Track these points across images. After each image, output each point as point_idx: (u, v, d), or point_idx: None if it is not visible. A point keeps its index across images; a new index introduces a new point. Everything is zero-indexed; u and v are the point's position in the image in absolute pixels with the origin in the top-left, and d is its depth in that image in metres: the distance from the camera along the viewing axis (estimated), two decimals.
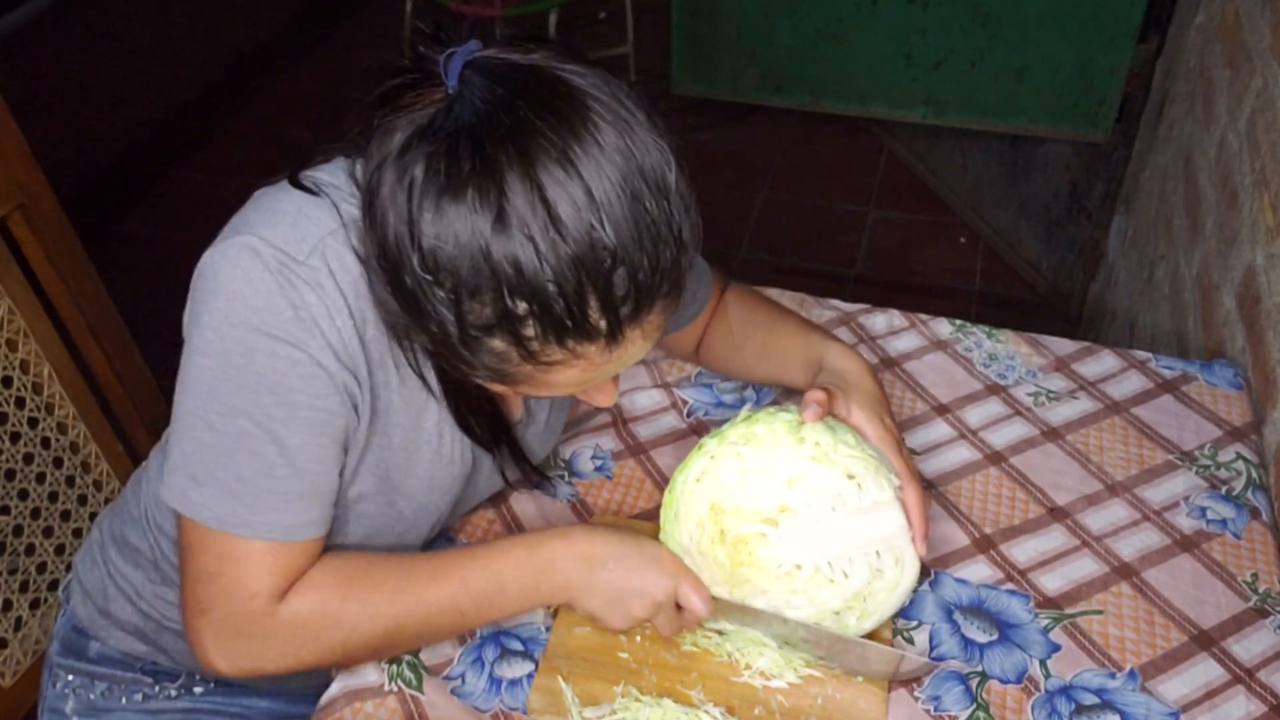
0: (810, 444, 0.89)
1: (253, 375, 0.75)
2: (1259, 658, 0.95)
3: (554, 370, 0.74)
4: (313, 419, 0.78)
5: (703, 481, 0.90)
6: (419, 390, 0.85)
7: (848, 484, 0.87)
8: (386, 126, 0.71)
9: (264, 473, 0.78)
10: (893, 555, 0.89)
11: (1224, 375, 1.25)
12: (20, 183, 1.45)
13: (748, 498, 0.88)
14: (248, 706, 1.09)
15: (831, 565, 0.88)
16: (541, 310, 0.69)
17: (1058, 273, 2.62)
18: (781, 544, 0.88)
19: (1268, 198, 1.31)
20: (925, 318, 1.34)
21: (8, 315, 1.43)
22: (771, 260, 2.82)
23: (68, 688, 1.05)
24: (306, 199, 0.78)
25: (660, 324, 0.77)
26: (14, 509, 1.45)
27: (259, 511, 0.79)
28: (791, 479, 0.88)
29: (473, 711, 0.91)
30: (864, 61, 2.42)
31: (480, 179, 0.67)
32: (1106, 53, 2.20)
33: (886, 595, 0.90)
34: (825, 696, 0.90)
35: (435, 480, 0.91)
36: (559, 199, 0.67)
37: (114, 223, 2.94)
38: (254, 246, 0.75)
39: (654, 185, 0.70)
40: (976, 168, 2.83)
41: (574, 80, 0.71)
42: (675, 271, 0.73)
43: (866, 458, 0.89)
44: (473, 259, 0.67)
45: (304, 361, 0.76)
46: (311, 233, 0.76)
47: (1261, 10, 1.48)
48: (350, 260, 0.77)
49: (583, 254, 0.67)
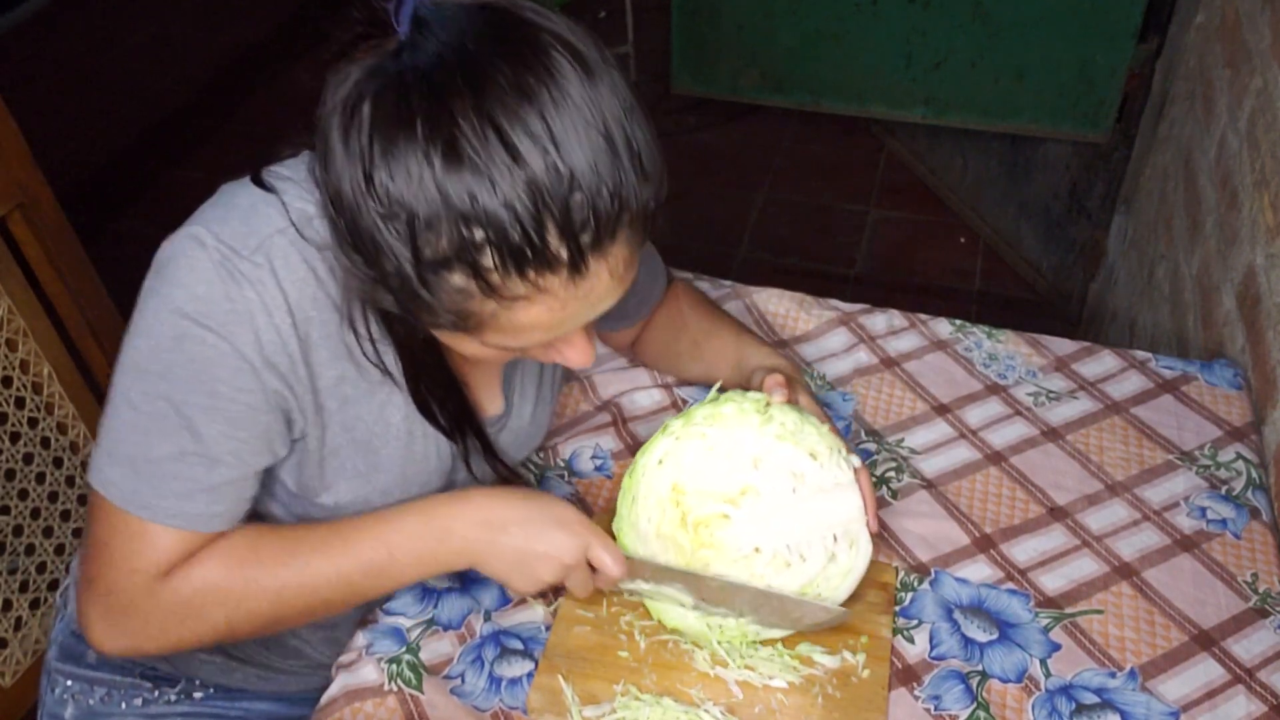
0: (777, 423, 0.89)
1: (180, 361, 0.76)
2: (1259, 658, 0.95)
3: (518, 308, 0.71)
4: (233, 413, 0.78)
5: (665, 464, 0.90)
6: (381, 384, 0.85)
7: (810, 463, 0.88)
8: (338, 76, 0.71)
9: (175, 458, 0.79)
10: (848, 539, 0.89)
11: (1224, 375, 1.25)
12: (20, 182, 1.44)
13: (712, 478, 0.89)
14: (247, 710, 1.08)
15: (790, 548, 0.89)
16: (498, 237, 0.67)
17: (1058, 273, 2.62)
18: (742, 526, 0.88)
19: (1268, 198, 1.31)
20: (925, 318, 1.34)
21: (8, 315, 1.43)
22: (771, 260, 2.82)
23: (67, 693, 1.05)
24: (263, 196, 0.79)
25: (628, 261, 0.74)
26: (14, 509, 1.45)
27: (163, 496, 0.79)
28: (757, 458, 0.89)
29: (473, 711, 0.91)
30: (864, 61, 2.42)
31: (429, 111, 0.66)
32: (1106, 53, 2.20)
33: (840, 580, 0.90)
34: (825, 696, 0.90)
35: (409, 476, 0.90)
36: (512, 126, 0.65)
37: (113, 222, 2.94)
38: (201, 238, 0.76)
39: (612, 115, 0.68)
40: (976, 168, 2.83)
41: (527, 16, 0.70)
42: (637, 202, 0.71)
43: (830, 439, 0.90)
44: (425, 190, 0.66)
45: (230, 354, 0.76)
46: (260, 230, 0.77)
47: (1261, 10, 1.48)
48: (296, 260, 0.77)
49: (537, 178, 0.66)
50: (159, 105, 3.53)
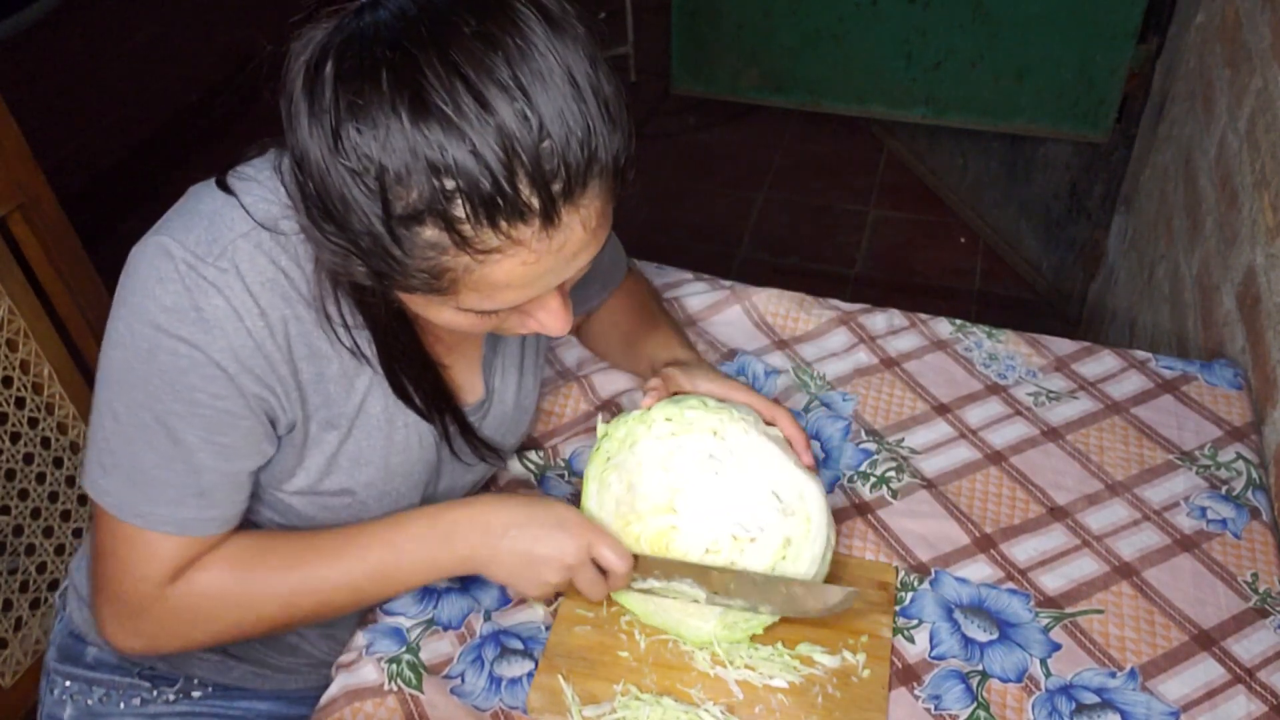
0: (660, 420, 0.92)
1: (155, 372, 0.77)
2: (1259, 657, 0.95)
3: (491, 262, 0.70)
4: (212, 418, 0.79)
5: (603, 502, 0.93)
6: (359, 375, 0.85)
7: (715, 441, 0.90)
8: (300, 41, 0.70)
9: (161, 465, 0.80)
10: (794, 491, 0.90)
11: (1224, 375, 1.25)
12: (21, 183, 1.44)
13: (641, 499, 0.91)
14: (247, 709, 1.08)
15: (743, 527, 0.90)
16: (469, 187, 0.66)
17: (1058, 273, 2.62)
18: (690, 527, 0.90)
19: (1268, 198, 1.31)
20: (925, 318, 1.34)
21: (8, 315, 1.43)
22: (771, 260, 2.82)
23: (65, 694, 1.05)
24: (227, 200, 0.79)
25: (600, 214, 0.73)
26: (14, 509, 1.45)
27: (155, 504, 0.81)
28: (663, 461, 0.91)
29: (473, 711, 0.91)
30: (864, 61, 2.42)
31: (394, 62, 0.65)
32: (1106, 53, 2.19)
33: (805, 528, 0.90)
34: (825, 696, 0.90)
35: (392, 466, 0.90)
36: (479, 75, 0.65)
37: (115, 223, 2.93)
38: (168, 248, 0.76)
39: (578, 65, 0.68)
40: (976, 168, 2.83)
41: None
42: (606, 153, 0.70)
43: (716, 409, 0.91)
44: (393, 142, 0.65)
45: (203, 362, 0.77)
46: (223, 235, 0.77)
47: (1261, 10, 1.48)
48: (263, 262, 0.78)
49: (507, 126, 0.65)
50: (161, 107, 3.53)
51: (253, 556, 0.85)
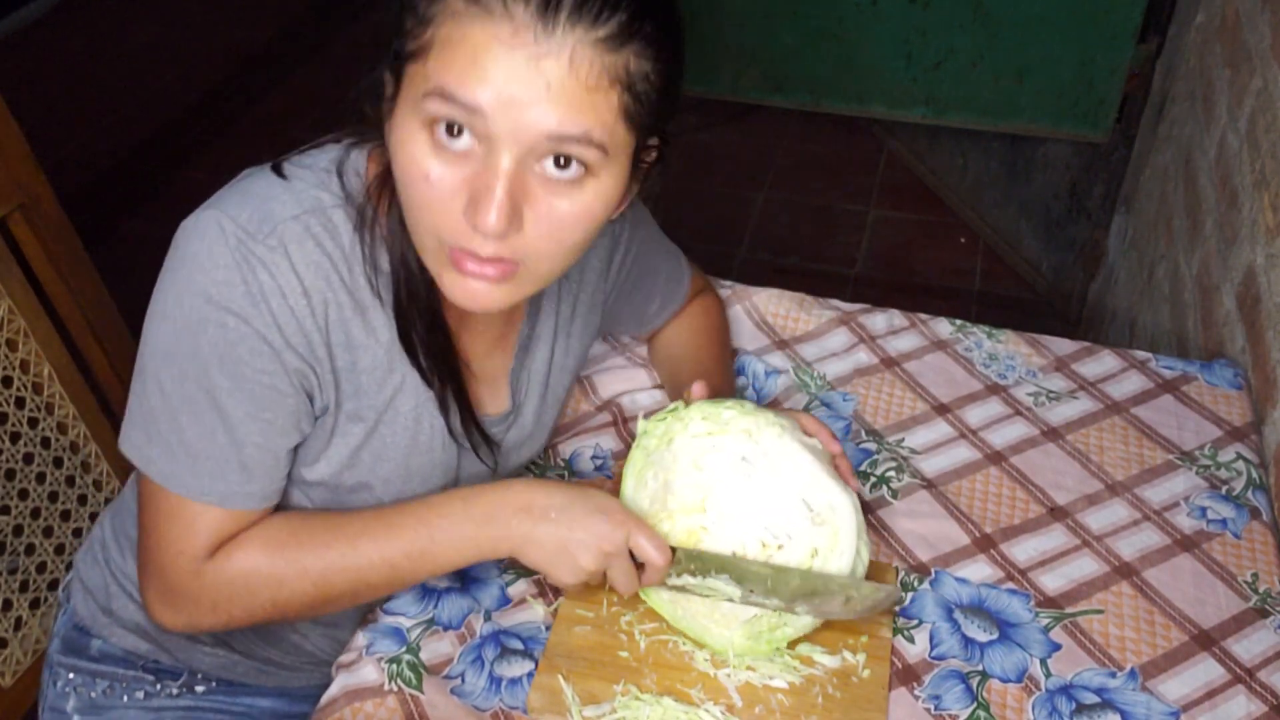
0: (697, 419, 0.91)
1: (204, 344, 0.78)
2: (1259, 658, 0.95)
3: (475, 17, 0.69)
4: (258, 393, 0.80)
5: (638, 499, 0.93)
6: (392, 372, 0.86)
7: (749, 444, 0.89)
8: None
9: (205, 437, 0.81)
10: (825, 501, 0.89)
11: (1224, 375, 1.25)
12: (21, 183, 1.44)
13: (674, 497, 0.90)
14: (250, 705, 1.09)
15: (772, 532, 0.89)
16: None
17: (1058, 273, 2.62)
18: (719, 529, 0.89)
19: (1268, 198, 1.31)
20: (925, 318, 1.34)
21: (8, 315, 1.43)
22: (771, 260, 2.82)
23: (69, 686, 1.05)
24: (281, 184, 0.81)
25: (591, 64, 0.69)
26: (14, 509, 1.45)
27: (198, 476, 0.82)
28: (696, 459, 0.90)
29: (473, 711, 0.91)
30: (864, 61, 2.42)
31: None
32: (1106, 53, 2.19)
33: (833, 541, 0.89)
34: (825, 696, 0.90)
35: (412, 467, 0.91)
36: None
37: (115, 223, 2.94)
38: (220, 222, 0.78)
39: None
40: (976, 168, 2.83)
41: None
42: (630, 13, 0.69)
43: (752, 411, 0.91)
44: None
45: (251, 336, 0.78)
46: (275, 214, 0.79)
47: (1261, 10, 1.48)
48: (310, 245, 0.79)
49: None
50: (162, 106, 3.53)
51: (288, 535, 0.86)
